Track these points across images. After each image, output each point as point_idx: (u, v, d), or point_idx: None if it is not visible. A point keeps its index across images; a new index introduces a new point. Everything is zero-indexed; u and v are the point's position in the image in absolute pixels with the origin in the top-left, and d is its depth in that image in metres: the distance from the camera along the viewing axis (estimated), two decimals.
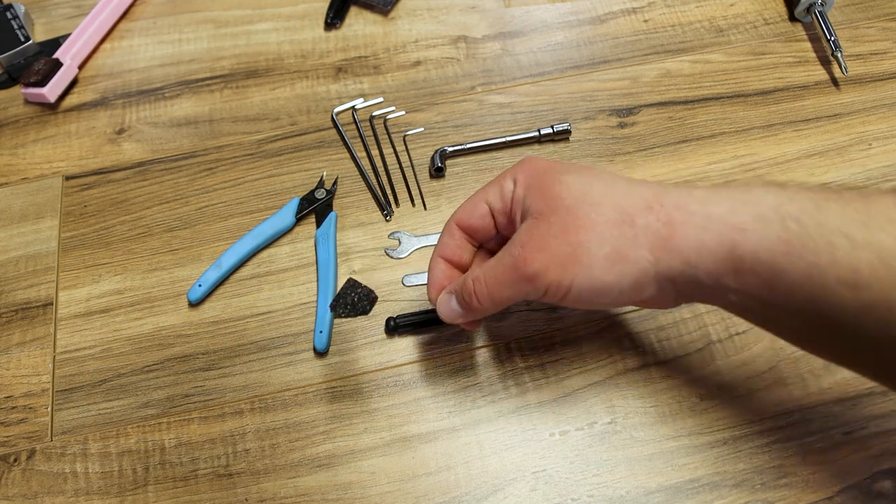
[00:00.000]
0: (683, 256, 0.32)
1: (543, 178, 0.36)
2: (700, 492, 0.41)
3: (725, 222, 0.31)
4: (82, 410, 0.46)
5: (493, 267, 0.36)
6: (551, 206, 0.34)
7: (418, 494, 0.42)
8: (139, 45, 0.64)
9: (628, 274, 0.33)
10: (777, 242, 0.30)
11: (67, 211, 0.54)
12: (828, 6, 0.60)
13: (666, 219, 0.32)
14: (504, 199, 0.37)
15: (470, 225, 0.39)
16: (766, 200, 0.31)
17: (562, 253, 0.33)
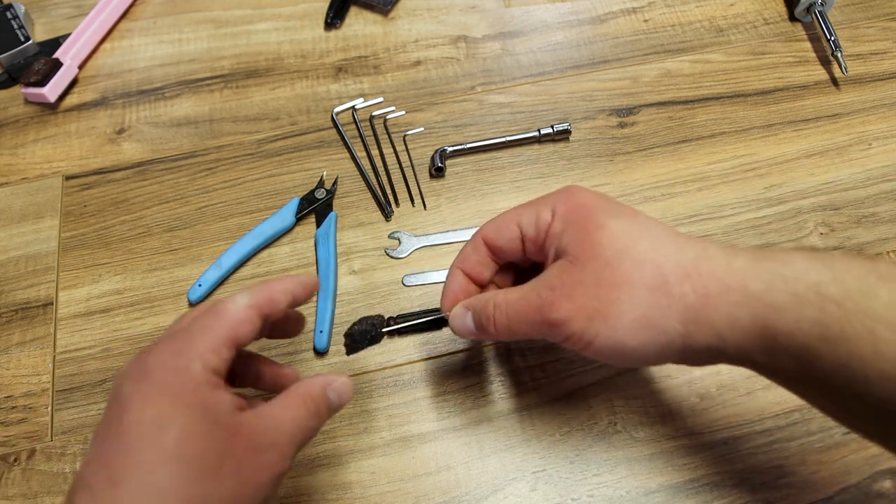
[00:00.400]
0: (715, 330, 0.30)
1: (587, 218, 0.34)
2: (700, 492, 0.41)
3: (761, 299, 0.29)
4: (82, 410, 0.46)
5: (516, 300, 0.34)
6: (589, 253, 0.32)
7: (418, 494, 0.42)
8: (139, 45, 0.64)
9: (654, 342, 0.31)
10: (813, 326, 0.28)
11: (67, 211, 0.54)
12: (828, 6, 0.60)
13: (702, 290, 0.31)
14: (539, 228, 0.35)
15: (497, 245, 0.37)
16: (806, 277, 0.29)
17: (590, 306, 0.32)
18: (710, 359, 0.32)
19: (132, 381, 0.29)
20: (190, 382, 0.29)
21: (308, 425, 0.32)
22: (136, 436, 0.28)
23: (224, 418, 0.29)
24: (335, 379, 0.34)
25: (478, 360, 0.47)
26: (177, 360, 0.30)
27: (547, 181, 0.54)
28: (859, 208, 0.52)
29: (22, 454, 0.44)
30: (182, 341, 0.31)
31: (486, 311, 0.35)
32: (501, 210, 0.52)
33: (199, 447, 0.28)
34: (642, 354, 0.32)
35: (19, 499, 0.43)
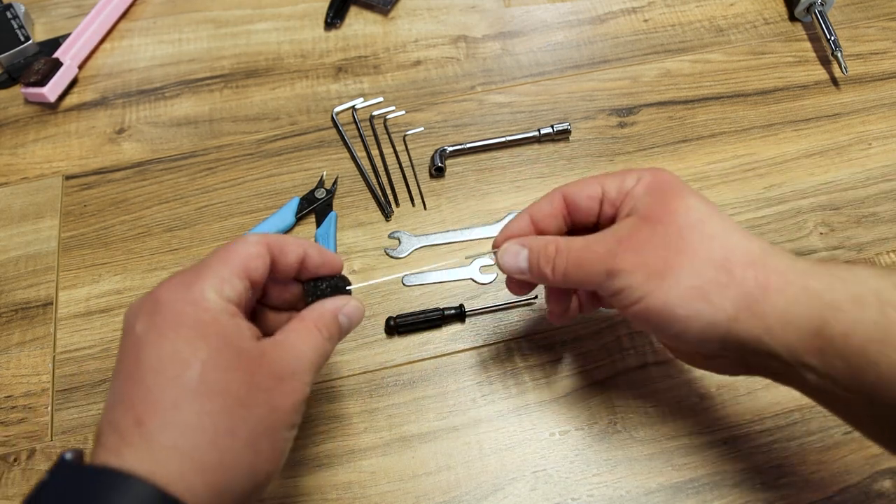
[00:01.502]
0: (766, 324, 0.30)
1: (669, 188, 0.34)
2: (700, 492, 0.41)
3: (820, 297, 0.29)
4: (82, 410, 0.46)
5: (580, 246, 0.34)
6: (663, 216, 0.33)
7: (418, 494, 0.42)
8: (139, 45, 0.64)
9: (701, 317, 0.31)
10: (873, 329, 0.27)
11: (67, 211, 0.54)
12: (828, 6, 0.60)
13: (763, 280, 0.30)
14: (621, 190, 0.35)
15: (575, 201, 0.36)
16: (868, 283, 0.29)
17: (652, 264, 0.31)
18: (753, 363, 0.32)
19: (145, 316, 0.29)
20: (206, 312, 0.29)
21: (324, 350, 0.32)
22: (155, 373, 0.27)
23: (246, 347, 0.29)
24: (346, 303, 0.34)
25: (478, 360, 0.47)
26: (190, 290, 0.29)
27: (547, 181, 0.54)
28: (859, 208, 0.52)
29: (22, 454, 0.44)
30: (194, 274, 0.30)
31: (546, 250, 0.35)
32: (501, 209, 0.53)
33: (225, 378, 0.28)
34: (685, 326, 0.31)
35: (19, 499, 0.43)
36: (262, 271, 0.32)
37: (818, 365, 0.29)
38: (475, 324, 0.48)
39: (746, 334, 0.30)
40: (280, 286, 0.36)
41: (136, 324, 0.29)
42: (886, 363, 0.27)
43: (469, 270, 0.50)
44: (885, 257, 0.50)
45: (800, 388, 0.32)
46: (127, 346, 0.29)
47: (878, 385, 0.27)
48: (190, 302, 0.29)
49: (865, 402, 0.28)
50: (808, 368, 0.29)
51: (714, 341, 0.31)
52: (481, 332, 0.48)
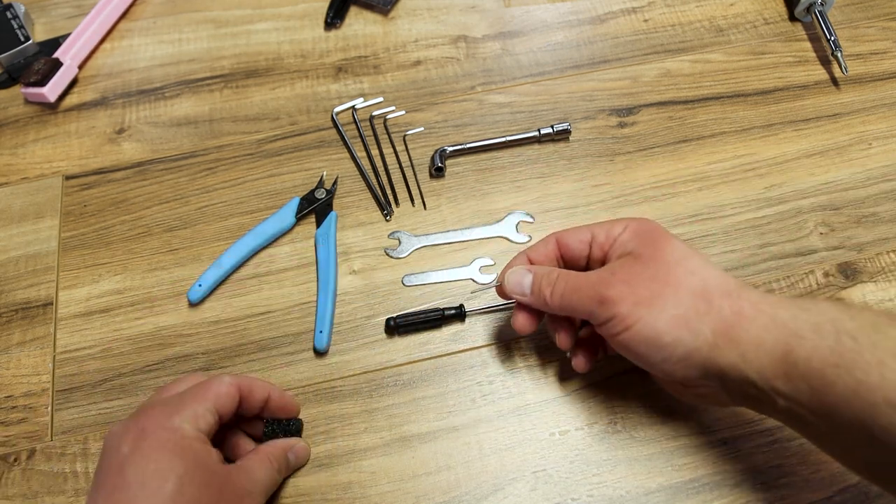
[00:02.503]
0: (740, 350, 0.33)
1: (654, 233, 0.38)
2: (700, 492, 0.41)
3: (786, 326, 0.33)
4: (82, 410, 0.46)
5: (577, 276, 0.38)
6: (652, 254, 0.37)
7: (418, 494, 0.42)
8: (139, 45, 0.64)
9: (684, 343, 0.34)
10: (829, 354, 0.31)
11: (67, 211, 0.54)
12: (828, 6, 0.60)
13: (737, 309, 0.34)
14: (609, 236, 0.39)
15: (567, 244, 0.41)
16: (827, 314, 0.32)
17: (640, 294, 0.35)
18: (733, 391, 0.35)
19: (130, 440, 0.34)
20: (183, 439, 0.34)
21: (274, 480, 0.39)
22: (140, 486, 0.32)
23: (216, 468, 0.35)
24: (296, 444, 0.42)
25: (478, 360, 0.47)
26: (170, 420, 0.35)
27: (547, 181, 0.54)
28: (859, 208, 0.52)
29: (22, 454, 0.44)
30: (174, 406, 0.36)
31: (549, 276, 0.39)
32: (501, 209, 0.53)
33: (199, 493, 0.33)
34: (669, 353, 0.35)
35: (19, 499, 0.43)
36: (231, 408, 0.38)
37: (785, 389, 0.32)
38: (475, 324, 0.48)
39: (724, 361, 0.34)
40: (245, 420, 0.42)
41: (121, 445, 0.34)
42: (842, 384, 0.30)
43: (469, 270, 0.50)
44: (885, 257, 0.50)
45: (773, 413, 0.34)
46: (111, 464, 0.34)
47: (835, 404, 0.30)
48: (170, 430, 0.35)
49: (827, 423, 0.31)
50: (778, 393, 0.32)
51: (696, 368, 0.35)
52: (481, 332, 0.48)
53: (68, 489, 0.43)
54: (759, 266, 0.50)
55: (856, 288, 0.49)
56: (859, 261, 0.50)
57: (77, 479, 0.43)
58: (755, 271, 0.50)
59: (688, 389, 0.38)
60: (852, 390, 0.30)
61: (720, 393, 0.36)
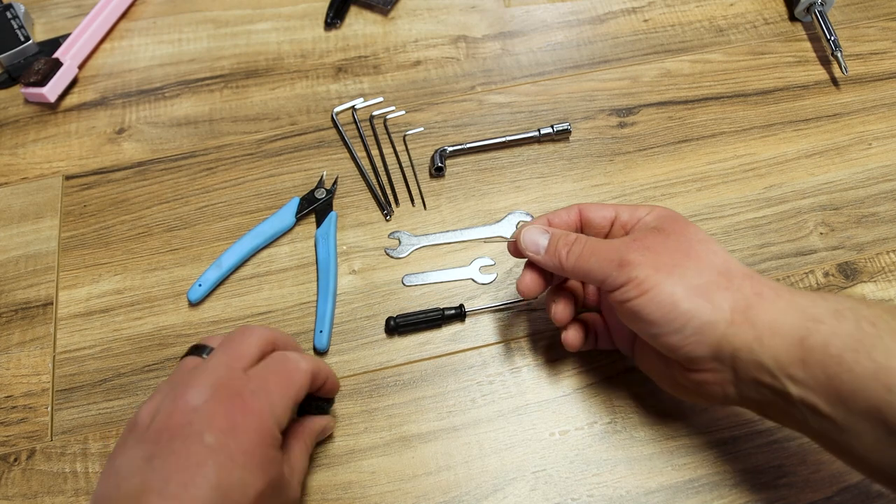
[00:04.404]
0: (756, 332, 0.32)
1: (679, 217, 0.38)
2: (700, 492, 0.41)
3: (804, 311, 0.32)
4: (82, 410, 0.46)
5: (596, 240, 0.37)
6: (675, 230, 0.36)
7: (418, 494, 0.42)
8: (139, 45, 0.64)
9: (701, 314, 0.33)
10: (848, 339, 0.30)
11: (67, 211, 0.54)
12: (828, 6, 0.60)
13: (758, 290, 0.34)
14: (633, 216, 0.39)
15: (590, 217, 0.40)
16: (845, 302, 0.32)
17: (662, 261, 0.35)
18: (743, 380, 0.33)
19: (217, 430, 0.32)
20: (271, 449, 0.33)
21: (307, 464, 0.39)
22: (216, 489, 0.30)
23: (282, 481, 0.34)
24: (327, 424, 0.42)
25: (478, 360, 0.47)
26: (263, 421, 0.33)
27: (547, 181, 0.54)
28: (859, 208, 0.52)
29: (22, 454, 0.44)
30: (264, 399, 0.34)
31: (567, 237, 0.38)
32: (501, 209, 0.53)
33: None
34: (685, 322, 0.33)
35: (19, 499, 0.43)
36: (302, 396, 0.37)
37: (801, 375, 0.31)
38: (475, 324, 0.48)
39: (739, 341, 0.33)
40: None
41: (204, 433, 0.31)
42: (860, 369, 0.29)
43: (469, 270, 0.50)
44: (885, 257, 0.50)
45: (778, 411, 0.33)
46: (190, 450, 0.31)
47: (852, 391, 0.30)
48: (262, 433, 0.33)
49: (841, 412, 0.30)
50: (792, 379, 0.31)
51: (708, 345, 0.33)
52: (481, 332, 0.48)
53: (68, 489, 0.43)
54: (759, 266, 0.50)
55: (856, 288, 0.49)
56: (859, 261, 0.50)
57: (77, 479, 0.43)
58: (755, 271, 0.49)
59: (692, 374, 0.35)
60: (871, 374, 0.29)
61: (726, 383, 0.34)
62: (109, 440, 0.44)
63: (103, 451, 0.44)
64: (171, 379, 0.36)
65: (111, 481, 0.32)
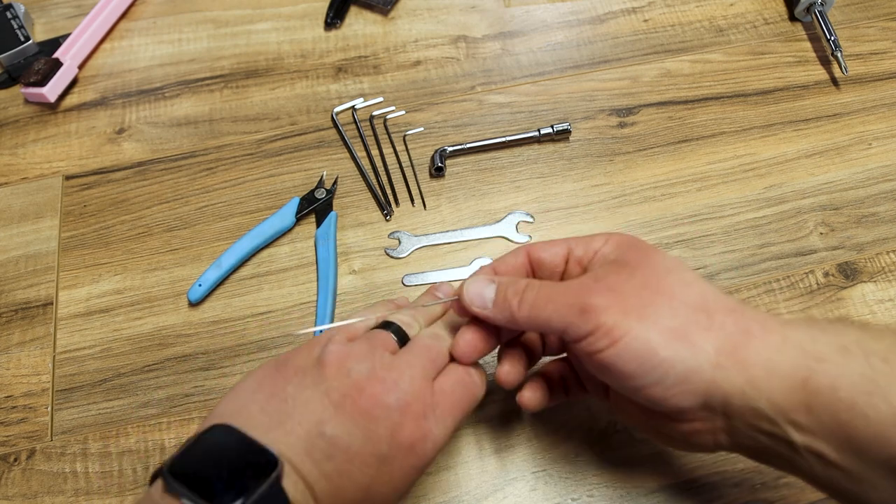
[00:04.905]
0: (749, 375, 0.28)
1: (640, 244, 0.33)
2: (700, 492, 0.41)
3: (803, 348, 0.28)
4: (82, 410, 0.46)
5: (551, 284, 0.32)
6: (639, 262, 0.32)
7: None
8: (139, 45, 0.64)
9: (683, 360, 0.29)
10: (859, 380, 0.26)
11: (67, 211, 0.54)
12: (828, 6, 0.60)
13: (744, 327, 0.29)
14: (588, 249, 0.34)
15: (539, 257, 0.35)
16: (848, 334, 0.28)
17: (630, 303, 0.30)
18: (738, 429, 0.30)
19: (389, 427, 0.31)
20: (428, 460, 0.32)
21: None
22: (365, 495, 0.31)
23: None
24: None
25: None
26: (426, 456, 0.32)
27: (547, 181, 0.54)
28: (859, 208, 0.52)
29: (22, 454, 0.44)
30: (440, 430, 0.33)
31: (516, 284, 0.33)
32: (501, 209, 0.53)
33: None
34: (665, 371, 0.29)
35: (19, 499, 0.43)
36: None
37: (806, 422, 0.27)
38: None
39: (730, 386, 0.28)
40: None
41: (379, 427, 0.31)
42: (876, 415, 0.26)
43: (469, 270, 0.50)
44: (885, 257, 0.50)
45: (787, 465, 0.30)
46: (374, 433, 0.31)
47: (868, 440, 0.26)
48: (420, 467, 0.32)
49: (854, 463, 0.27)
50: (796, 427, 0.28)
51: (695, 394, 0.29)
52: None
53: (68, 489, 0.43)
54: (759, 266, 0.50)
55: (856, 288, 0.49)
56: (859, 261, 0.50)
57: (77, 479, 0.43)
58: (755, 271, 0.50)
59: (679, 425, 0.31)
60: (891, 420, 0.25)
61: (718, 431, 0.30)
62: (109, 440, 0.44)
63: (103, 451, 0.44)
64: (370, 342, 0.34)
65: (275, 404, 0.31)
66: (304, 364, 0.33)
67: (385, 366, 0.32)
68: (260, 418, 0.30)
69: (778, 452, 0.29)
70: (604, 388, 0.37)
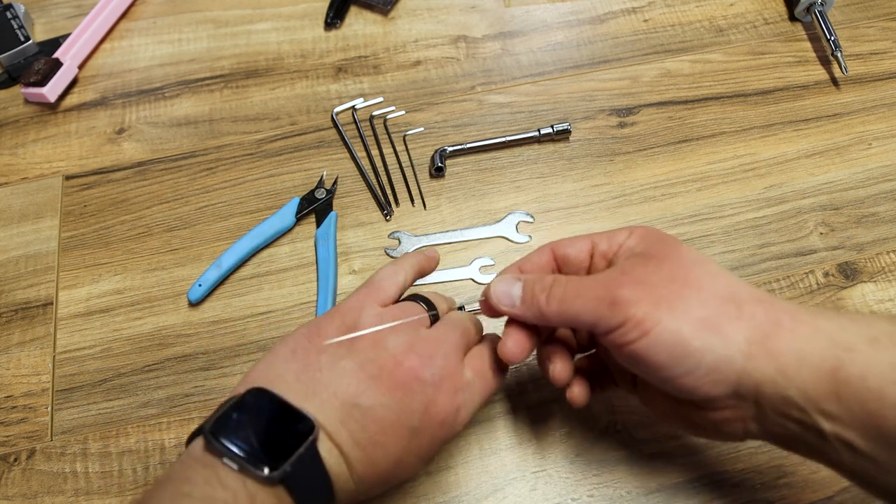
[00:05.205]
0: (779, 364, 0.28)
1: (663, 237, 0.34)
2: (700, 492, 0.41)
3: (833, 338, 0.28)
4: (82, 410, 0.46)
5: (578, 279, 0.33)
6: (666, 254, 0.32)
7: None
8: (139, 45, 0.64)
9: (714, 350, 0.29)
10: (889, 370, 0.27)
11: (67, 211, 0.54)
12: (828, 6, 0.60)
13: (773, 317, 0.29)
14: (612, 243, 0.35)
15: (564, 253, 0.36)
16: (878, 325, 0.28)
17: (659, 294, 0.30)
18: (768, 416, 0.30)
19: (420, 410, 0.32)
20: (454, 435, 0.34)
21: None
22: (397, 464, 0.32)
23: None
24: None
25: None
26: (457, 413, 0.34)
27: (547, 181, 0.54)
28: (859, 208, 0.52)
29: (22, 454, 0.44)
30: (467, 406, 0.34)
31: (543, 281, 0.33)
32: (501, 209, 0.53)
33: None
34: (697, 361, 0.29)
35: (19, 499, 0.43)
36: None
37: (835, 411, 0.27)
38: None
39: (761, 375, 0.29)
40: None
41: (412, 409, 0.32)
42: None
43: (469, 270, 0.50)
44: (885, 257, 0.50)
45: (814, 452, 0.30)
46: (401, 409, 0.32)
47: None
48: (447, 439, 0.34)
49: (884, 451, 0.27)
50: (825, 415, 0.28)
51: (726, 383, 0.29)
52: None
53: (68, 489, 0.43)
54: (759, 266, 0.50)
55: (856, 288, 0.49)
56: (859, 261, 0.50)
57: (77, 478, 0.43)
58: (755, 271, 0.50)
59: (710, 413, 0.31)
60: None
61: (748, 419, 0.31)
62: (109, 440, 0.44)
63: (103, 451, 0.44)
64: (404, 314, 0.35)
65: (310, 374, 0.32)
66: (337, 333, 0.34)
67: (421, 340, 0.33)
68: (296, 387, 0.31)
69: (807, 440, 0.29)
70: (630, 380, 0.37)
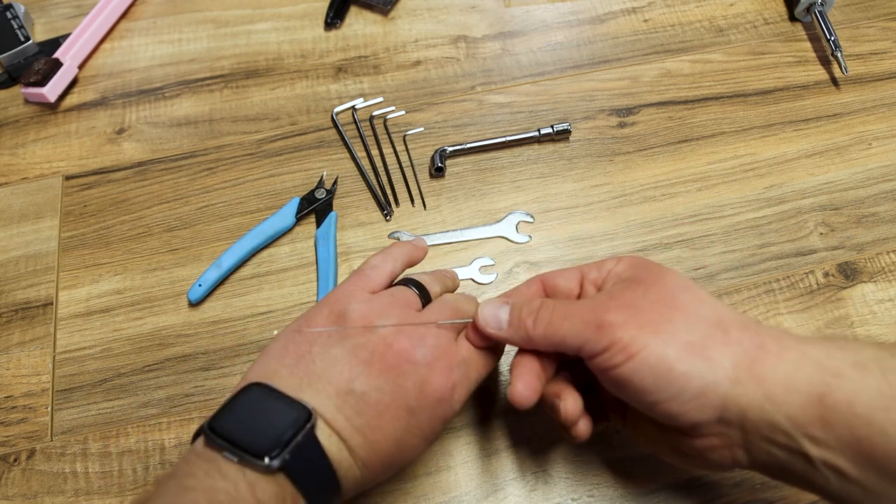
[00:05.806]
0: (766, 390, 0.28)
1: (651, 264, 0.34)
2: (700, 492, 0.41)
3: (820, 364, 0.28)
4: (82, 410, 0.46)
5: (565, 303, 0.33)
6: (653, 280, 0.32)
7: (418, 494, 0.42)
8: (139, 45, 0.64)
9: (700, 374, 0.29)
10: (877, 396, 0.27)
11: (67, 211, 0.54)
12: (828, 6, 0.60)
13: (760, 342, 0.29)
14: (602, 271, 0.35)
15: (554, 283, 0.36)
16: (865, 351, 0.29)
17: (646, 318, 0.30)
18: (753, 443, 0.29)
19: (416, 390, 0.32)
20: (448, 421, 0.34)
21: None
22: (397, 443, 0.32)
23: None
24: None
25: None
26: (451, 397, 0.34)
27: (547, 181, 0.54)
28: (859, 208, 0.52)
29: (22, 454, 0.44)
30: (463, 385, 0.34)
31: (531, 304, 0.34)
32: (501, 209, 0.53)
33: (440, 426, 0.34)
34: (682, 386, 0.29)
35: (19, 499, 0.43)
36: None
37: (823, 436, 0.27)
38: None
39: (747, 400, 0.29)
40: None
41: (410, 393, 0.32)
42: (895, 431, 0.26)
43: (469, 270, 0.50)
44: (885, 257, 0.50)
45: (801, 480, 0.29)
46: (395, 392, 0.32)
47: (885, 456, 0.26)
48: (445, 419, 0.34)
49: (872, 478, 0.27)
50: (813, 441, 0.28)
51: (712, 408, 0.29)
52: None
53: (68, 489, 0.43)
54: (759, 266, 0.50)
55: (856, 288, 0.49)
56: (859, 261, 0.50)
57: (77, 479, 0.43)
58: (755, 271, 0.50)
59: (695, 441, 0.31)
60: None
61: (735, 447, 0.30)
62: (109, 440, 0.44)
63: (103, 451, 0.44)
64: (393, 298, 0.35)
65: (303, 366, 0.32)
66: (326, 323, 0.34)
67: (404, 332, 0.34)
68: (290, 380, 0.32)
69: (794, 467, 0.29)
70: (622, 412, 0.37)
